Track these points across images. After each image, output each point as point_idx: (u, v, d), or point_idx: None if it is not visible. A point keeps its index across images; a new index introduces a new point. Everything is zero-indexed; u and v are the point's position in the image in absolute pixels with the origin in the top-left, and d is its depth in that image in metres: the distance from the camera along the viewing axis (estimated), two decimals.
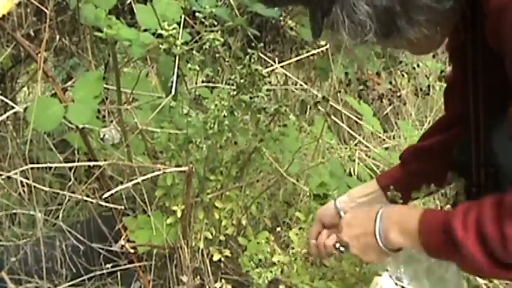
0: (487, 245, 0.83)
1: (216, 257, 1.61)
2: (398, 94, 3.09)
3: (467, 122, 1.06)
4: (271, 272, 1.42)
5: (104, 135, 1.78)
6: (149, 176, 1.52)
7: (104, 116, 1.93)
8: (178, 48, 1.46)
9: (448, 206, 1.24)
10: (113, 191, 1.48)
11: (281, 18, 2.54)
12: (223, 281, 1.58)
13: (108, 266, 1.63)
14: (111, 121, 1.85)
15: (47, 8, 1.68)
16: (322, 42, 2.42)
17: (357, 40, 0.87)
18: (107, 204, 1.56)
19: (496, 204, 0.84)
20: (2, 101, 1.91)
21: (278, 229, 1.63)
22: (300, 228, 1.51)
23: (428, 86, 3.22)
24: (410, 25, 0.86)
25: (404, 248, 1.01)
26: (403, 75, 3.23)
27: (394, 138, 2.76)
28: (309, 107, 2.66)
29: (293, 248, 1.52)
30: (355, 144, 2.34)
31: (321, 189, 1.65)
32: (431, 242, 0.93)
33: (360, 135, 2.35)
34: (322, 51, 2.34)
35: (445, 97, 1.30)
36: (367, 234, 1.03)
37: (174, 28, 1.44)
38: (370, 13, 0.83)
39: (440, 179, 1.18)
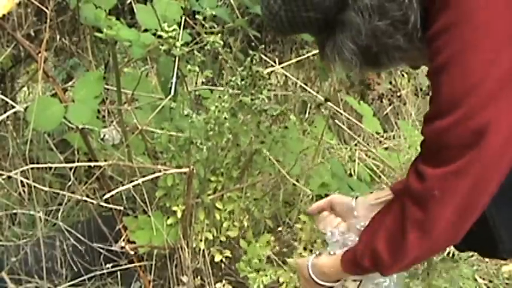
0: (394, 243, 0.99)
1: (217, 258, 1.60)
2: (398, 94, 3.09)
3: None
4: (266, 275, 1.42)
5: (104, 135, 1.77)
6: (150, 176, 1.52)
7: (104, 116, 1.92)
8: (178, 49, 1.46)
9: None
10: (113, 192, 1.48)
11: None
12: (223, 281, 1.58)
13: (108, 266, 1.63)
14: (112, 121, 1.84)
15: (47, 8, 1.67)
16: None
17: (348, 71, 1.01)
18: (107, 204, 1.56)
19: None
20: (2, 100, 1.91)
21: (279, 229, 1.63)
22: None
23: (428, 86, 3.21)
24: (390, 61, 0.97)
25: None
26: (403, 75, 3.23)
27: (394, 138, 2.76)
28: (309, 106, 2.65)
29: (294, 248, 1.52)
30: (355, 145, 2.34)
31: (322, 190, 1.66)
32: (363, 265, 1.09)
33: (360, 135, 2.35)
34: None
35: None
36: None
37: (174, 29, 1.44)
38: (355, 50, 0.94)
39: None
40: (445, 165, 0.89)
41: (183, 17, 1.62)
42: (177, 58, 1.53)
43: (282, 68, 2.13)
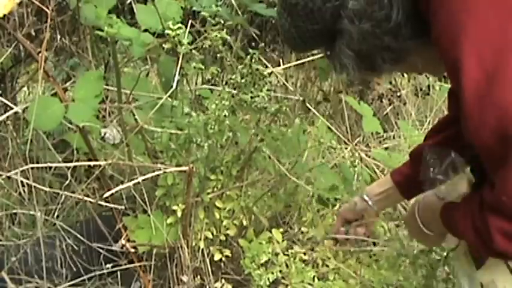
0: (482, 237, 0.95)
1: (216, 257, 1.60)
2: (398, 94, 3.09)
3: None
4: (272, 273, 1.42)
5: (105, 134, 1.77)
6: (149, 175, 1.51)
7: (104, 116, 1.92)
8: (184, 47, 1.47)
9: None
10: (113, 191, 1.47)
11: None
12: (223, 280, 1.58)
13: (108, 266, 1.62)
14: (112, 121, 1.84)
15: (47, 8, 1.67)
16: None
17: (350, 76, 1.09)
18: (107, 204, 1.56)
19: (480, 203, 0.95)
20: (2, 101, 1.91)
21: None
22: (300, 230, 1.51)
23: (428, 86, 3.22)
24: (384, 63, 1.03)
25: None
26: (403, 75, 3.23)
27: (394, 138, 2.76)
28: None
29: (292, 248, 1.52)
30: (355, 145, 2.34)
31: (332, 194, 1.69)
32: (454, 232, 1.11)
33: (360, 135, 2.35)
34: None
35: (448, 97, 1.40)
36: (418, 230, 1.29)
37: (179, 27, 1.45)
38: (351, 56, 1.03)
39: None
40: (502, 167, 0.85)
41: (187, 16, 1.63)
42: (180, 56, 1.52)
43: (281, 67, 2.12)
